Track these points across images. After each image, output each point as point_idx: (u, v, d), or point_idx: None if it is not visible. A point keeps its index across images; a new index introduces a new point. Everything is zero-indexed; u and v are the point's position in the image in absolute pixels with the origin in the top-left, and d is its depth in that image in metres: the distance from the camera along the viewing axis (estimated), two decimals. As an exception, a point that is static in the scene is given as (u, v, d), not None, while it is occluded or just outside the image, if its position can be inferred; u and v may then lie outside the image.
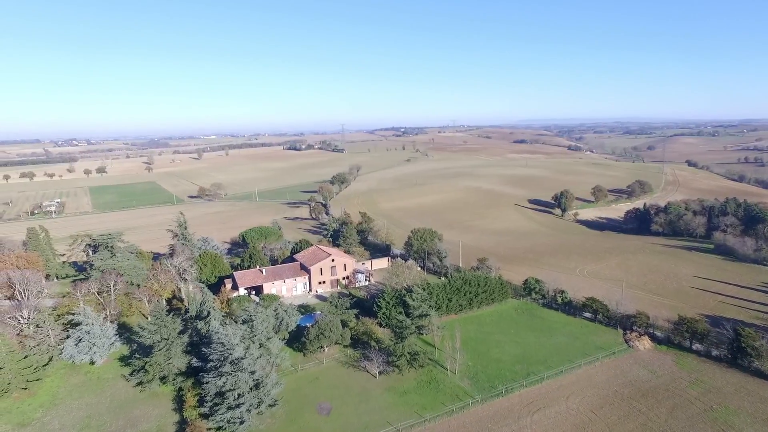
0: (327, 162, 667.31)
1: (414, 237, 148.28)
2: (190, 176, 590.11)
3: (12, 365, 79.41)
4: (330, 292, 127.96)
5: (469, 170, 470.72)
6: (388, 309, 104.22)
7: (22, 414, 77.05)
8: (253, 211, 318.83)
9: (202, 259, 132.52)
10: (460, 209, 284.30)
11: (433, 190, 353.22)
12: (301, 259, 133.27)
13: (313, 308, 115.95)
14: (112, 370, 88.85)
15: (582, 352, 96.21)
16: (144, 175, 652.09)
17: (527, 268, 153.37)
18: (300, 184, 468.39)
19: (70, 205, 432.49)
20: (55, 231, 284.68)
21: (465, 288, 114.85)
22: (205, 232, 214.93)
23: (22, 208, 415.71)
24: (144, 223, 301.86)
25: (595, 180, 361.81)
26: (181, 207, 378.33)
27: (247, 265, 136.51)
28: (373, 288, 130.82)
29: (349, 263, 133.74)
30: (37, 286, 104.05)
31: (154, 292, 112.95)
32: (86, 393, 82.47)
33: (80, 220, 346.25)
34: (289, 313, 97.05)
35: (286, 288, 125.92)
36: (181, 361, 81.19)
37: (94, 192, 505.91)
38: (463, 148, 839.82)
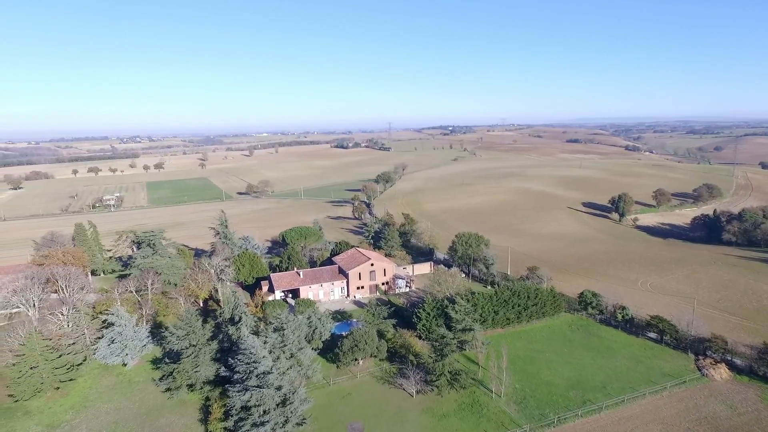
0: (373, 160, 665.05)
1: (459, 242, 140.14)
2: (240, 173, 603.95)
3: (46, 364, 78.82)
4: (368, 298, 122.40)
5: (518, 170, 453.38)
6: (428, 321, 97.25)
7: (53, 415, 76.24)
8: (298, 209, 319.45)
9: (240, 259, 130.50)
10: (508, 212, 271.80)
11: (480, 190, 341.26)
12: (340, 262, 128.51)
13: (350, 315, 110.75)
14: (144, 372, 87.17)
15: (646, 378, 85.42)
16: (197, 171, 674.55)
17: (582, 279, 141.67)
18: (345, 182, 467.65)
19: (128, 200, 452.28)
20: (112, 225, 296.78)
21: (513, 300, 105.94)
22: (249, 230, 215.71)
23: (86, 202, 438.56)
24: (193, 218, 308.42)
25: (656, 182, 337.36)
26: (229, 203, 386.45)
27: (286, 267, 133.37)
28: (414, 295, 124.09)
29: (389, 268, 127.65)
30: (78, 282, 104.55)
31: (190, 292, 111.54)
32: (116, 396, 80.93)
33: (135, 214, 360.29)
34: (323, 321, 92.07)
35: (324, 292, 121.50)
36: (208, 370, 77.95)
37: (151, 187, 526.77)
38: (512, 148, 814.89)
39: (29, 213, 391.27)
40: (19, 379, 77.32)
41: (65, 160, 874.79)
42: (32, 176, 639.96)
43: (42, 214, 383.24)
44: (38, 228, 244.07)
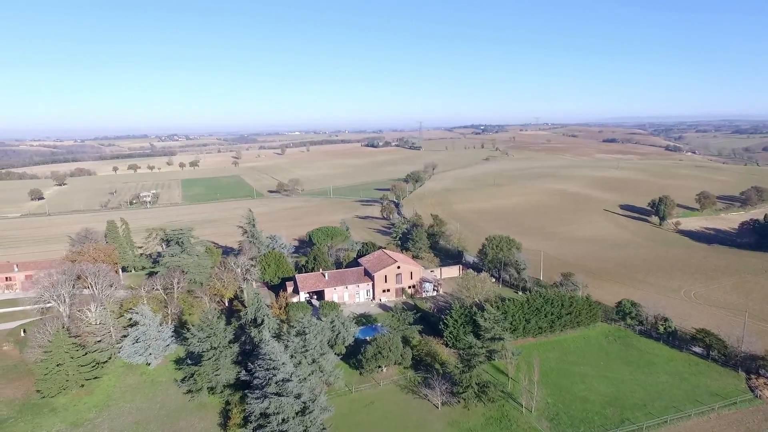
0: (403, 159, 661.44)
1: (489, 245, 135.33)
2: (272, 171, 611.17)
3: (72, 362, 79.26)
4: (394, 301, 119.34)
5: (552, 171, 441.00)
6: (455, 328, 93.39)
7: (77, 413, 76.54)
8: (326, 208, 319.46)
9: (266, 259, 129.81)
10: (541, 213, 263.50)
11: (512, 191, 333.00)
12: (366, 264, 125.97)
13: (375, 319, 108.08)
14: (166, 372, 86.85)
15: (691, 397, 79.22)
16: (230, 169, 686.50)
17: (619, 286, 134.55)
18: (375, 181, 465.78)
19: (163, 196, 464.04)
20: (146, 221, 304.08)
21: (546, 308, 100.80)
22: (277, 228, 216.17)
23: (124, 198, 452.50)
24: (224, 216, 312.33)
25: (699, 185, 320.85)
26: (260, 201, 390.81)
27: (311, 267, 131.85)
28: (441, 300, 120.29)
29: (416, 271, 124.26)
30: (107, 279, 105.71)
31: (216, 291, 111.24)
32: (138, 396, 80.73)
33: (169, 211, 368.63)
34: (347, 325, 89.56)
35: (349, 294, 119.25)
36: (229, 374, 76.63)
37: (185, 184, 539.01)
38: (546, 147, 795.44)
39: (71, 209, 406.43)
40: (45, 376, 78.07)
41: (107, 157, 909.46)
42: (76, 173, 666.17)
43: (83, 210, 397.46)
44: (78, 223, 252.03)
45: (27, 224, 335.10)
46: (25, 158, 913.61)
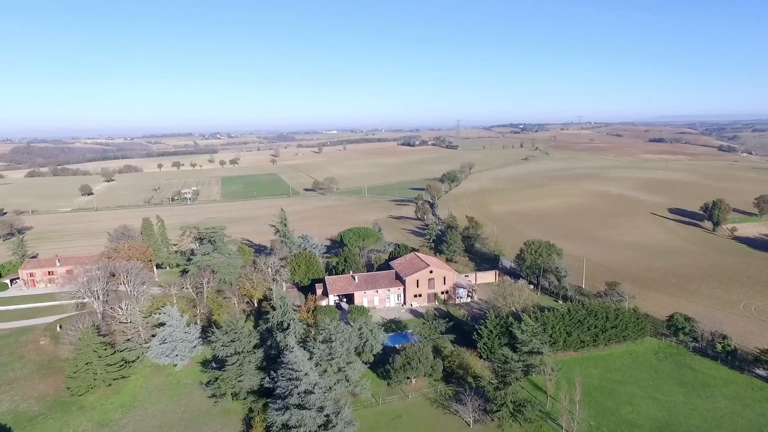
0: (439, 159, 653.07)
1: (528, 250, 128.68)
2: (308, 169, 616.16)
3: (99, 361, 79.21)
4: (426, 307, 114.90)
5: (595, 171, 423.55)
6: (490, 339, 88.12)
7: (103, 413, 76.34)
8: (360, 207, 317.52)
9: (296, 260, 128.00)
10: (583, 216, 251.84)
11: (552, 192, 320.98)
12: (397, 267, 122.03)
13: (405, 325, 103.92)
14: (192, 374, 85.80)
15: (755, 427, 71.22)
16: (268, 167, 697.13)
17: (669, 297, 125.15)
18: (410, 180, 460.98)
19: (203, 193, 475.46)
20: (186, 217, 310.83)
21: (589, 320, 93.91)
22: (310, 227, 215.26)
23: (166, 194, 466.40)
24: (260, 213, 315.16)
25: (758, 188, 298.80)
26: (295, 199, 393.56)
27: (342, 269, 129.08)
28: (476, 307, 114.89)
29: (449, 276, 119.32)
30: (140, 277, 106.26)
31: (245, 292, 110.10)
32: (164, 398, 79.90)
33: (208, 208, 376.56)
34: (375, 333, 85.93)
35: (379, 299, 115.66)
36: (252, 380, 74.46)
37: (225, 182, 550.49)
38: (588, 147, 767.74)
39: (118, 204, 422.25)
40: (75, 374, 78.31)
41: (154, 154, 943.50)
42: (125, 169, 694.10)
43: (128, 205, 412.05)
44: (123, 218, 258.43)
45: (76, 219, 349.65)
46: (79, 155, 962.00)
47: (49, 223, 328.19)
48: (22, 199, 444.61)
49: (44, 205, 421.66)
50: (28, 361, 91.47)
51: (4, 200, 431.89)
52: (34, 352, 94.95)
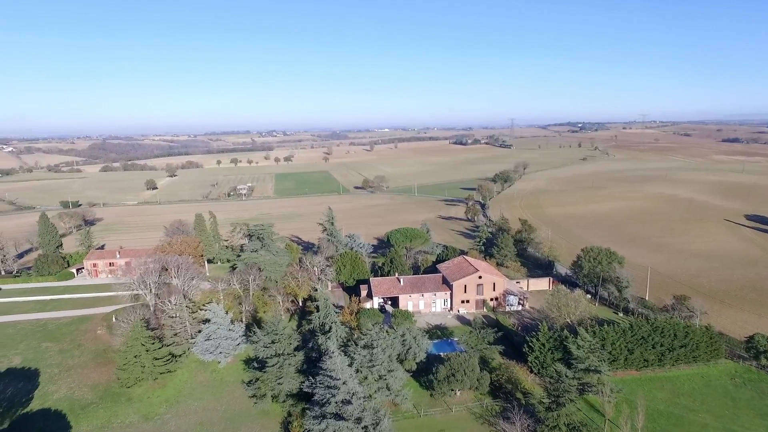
0: (492, 158, 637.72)
1: (585, 257, 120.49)
2: (359, 167, 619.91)
3: (147, 355, 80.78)
4: (473, 314, 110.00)
5: (660, 173, 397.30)
6: (542, 353, 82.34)
7: (149, 406, 77.74)
8: (409, 206, 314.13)
9: (342, 259, 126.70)
10: (647, 221, 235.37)
11: (613, 195, 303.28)
12: (445, 271, 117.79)
13: (451, 332, 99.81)
14: (235, 373, 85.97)
15: None
16: (321, 165, 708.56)
17: (748, 315, 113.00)
18: (461, 180, 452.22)
19: (258, 189, 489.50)
20: (240, 212, 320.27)
21: (654, 337, 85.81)
22: (358, 226, 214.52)
23: (223, 190, 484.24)
24: (310, 210, 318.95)
25: None
26: (345, 197, 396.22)
27: (387, 270, 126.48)
28: (527, 316, 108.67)
29: (499, 282, 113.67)
30: (190, 272, 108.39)
31: (290, 290, 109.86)
32: (206, 395, 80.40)
33: (262, 204, 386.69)
34: (419, 340, 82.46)
35: (424, 303, 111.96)
36: (292, 383, 73.13)
37: (278, 178, 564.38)
38: (653, 147, 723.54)
39: (179, 198, 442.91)
40: (124, 366, 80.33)
41: (214, 151, 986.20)
42: (187, 165, 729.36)
43: (188, 200, 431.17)
44: (183, 212, 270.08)
45: (141, 211, 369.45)
46: (147, 151, 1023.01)
47: (117, 215, 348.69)
48: (96, 192, 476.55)
49: (114, 198, 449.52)
50: (85, 350, 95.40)
51: (81, 193, 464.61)
52: (91, 341, 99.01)
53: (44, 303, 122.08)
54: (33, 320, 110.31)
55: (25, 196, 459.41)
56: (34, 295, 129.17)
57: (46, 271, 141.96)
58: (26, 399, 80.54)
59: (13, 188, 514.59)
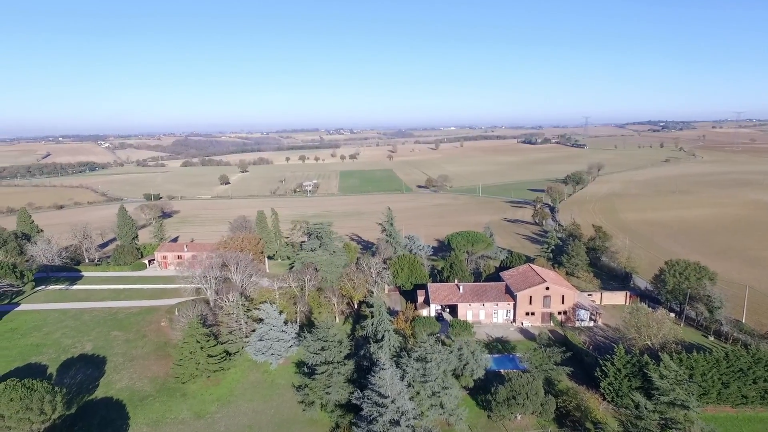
0: (563, 158, 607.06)
1: (670, 272, 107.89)
2: (423, 166, 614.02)
3: (202, 353, 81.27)
4: (539, 328, 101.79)
5: (757, 178, 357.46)
6: (617, 380, 73.50)
7: (202, 403, 78.08)
8: (473, 207, 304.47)
9: (400, 262, 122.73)
10: (742, 231, 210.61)
11: (700, 201, 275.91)
12: (508, 280, 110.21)
13: (513, 347, 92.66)
14: (286, 375, 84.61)
15: None
16: (385, 163, 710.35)
17: None
18: (529, 181, 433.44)
19: (323, 186, 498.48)
20: (305, 208, 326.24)
21: (756, 370, 73.88)
22: (419, 226, 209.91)
23: (289, 186, 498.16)
24: (372, 209, 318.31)
25: None
26: (407, 196, 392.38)
27: (447, 276, 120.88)
28: (600, 334, 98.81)
29: (568, 295, 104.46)
30: (248, 269, 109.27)
31: (345, 292, 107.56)
32: (257, 397, 79.56)
33: (325, 201, 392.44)
34: (477, 356, 76.62)
35: (485, 313, 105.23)
36: (340, 393, 70.13)
37: (343, 176, 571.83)
38: (749, 148, 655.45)
39: (248, 193, 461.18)
40: (180, 362, 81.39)
41: (284, 148, 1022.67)
42: (258, 162, 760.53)
43: (256, 195, 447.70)
44: (251, 207, 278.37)
45: (213, 205, 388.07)
46: (223, 148, 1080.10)
47: (192, 208, 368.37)
48: (175, 186, 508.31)
49: (191, 191, 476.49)
50: (148, 341, 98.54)
51: (162, 186, 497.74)
52: (154, 332, 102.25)
53: (118, 292, 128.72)
54: (106, 308, 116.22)
55: (115, 188, 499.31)
56: (110, 283, 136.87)
57: (122, 261, 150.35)
58: (93, 386, 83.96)
59: (106, 181, 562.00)
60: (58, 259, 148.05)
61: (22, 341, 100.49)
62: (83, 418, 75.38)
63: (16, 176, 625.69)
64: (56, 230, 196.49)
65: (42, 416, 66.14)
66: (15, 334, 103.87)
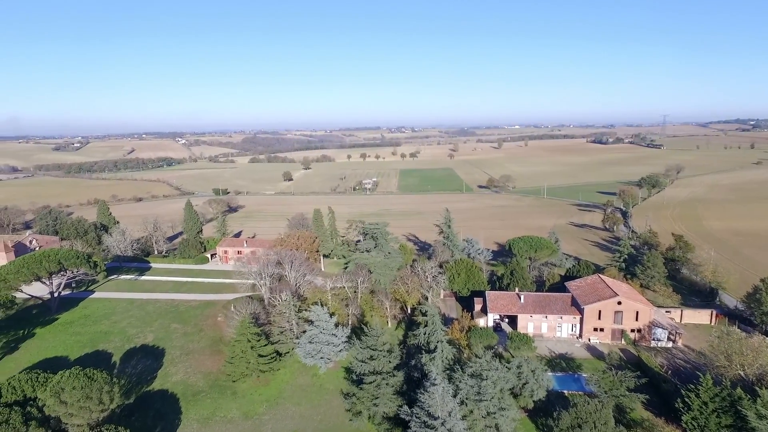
0: (637, 159, 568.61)
1: (767, 290, 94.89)
2: (485, 165, 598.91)
3: (252, 352, 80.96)
4: (608, 345, 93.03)
5: None
6: (703, 415, 64.42)
7: (251, 404, 77.69)
8: (536, 210, 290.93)
9: (457, 266, 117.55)
10: None
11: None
12: (575, 291, 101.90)
13: (579, 365, 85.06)
14: (335, 380, 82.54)
15: None
16: (445, 162, 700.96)
17: None
18: (598, 183, 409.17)
19: (382, 184, 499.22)
20: (364, 207, 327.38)
21: None
22: (478, 228, 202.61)
23: (349, 184, 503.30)
24: (431, 208, 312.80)
25: None
26: (468, 196, 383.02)
27: (507, 284, 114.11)
28: (679, 357, 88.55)
29: (643, 311, 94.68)
30: (302, 268, 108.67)
31: (399, 296, 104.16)
32: (304, 401, 78.06)
33: (384, 199, 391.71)
34: (538, 375, 70.39)
35: (547, 326, 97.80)
36: (389, 406, 66.74)
37: (403, 174, 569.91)
38: None
39: (310, 190, 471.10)
40: (231, 360, 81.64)
41: (346, 146, 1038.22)
42: (321, 159, 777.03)
43: (317, 192, 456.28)
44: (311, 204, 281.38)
45: (276, 201, 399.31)
46: (288, 145, 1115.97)
47: (256, 203, 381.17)
48: (242, 181, 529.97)
49: (256, 187, 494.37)
50: (204, 336, 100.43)
51: (231, 182, 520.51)
52: (211, 327, 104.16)
53: (180, 284, 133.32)
54: (168, 300, 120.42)
55: (188, 182, 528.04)
56: (174, 275, 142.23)
57: (187, 254, 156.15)
58: (151, 377, 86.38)
59: (181, 175, 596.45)
60: (130, 250, 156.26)
61: (94, 328, 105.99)
62: (140, 409, 77.35)
63: (104, 170, 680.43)
64: (132, 221, 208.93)
65: (100, 406, 68.12)
66: (88, 320, 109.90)
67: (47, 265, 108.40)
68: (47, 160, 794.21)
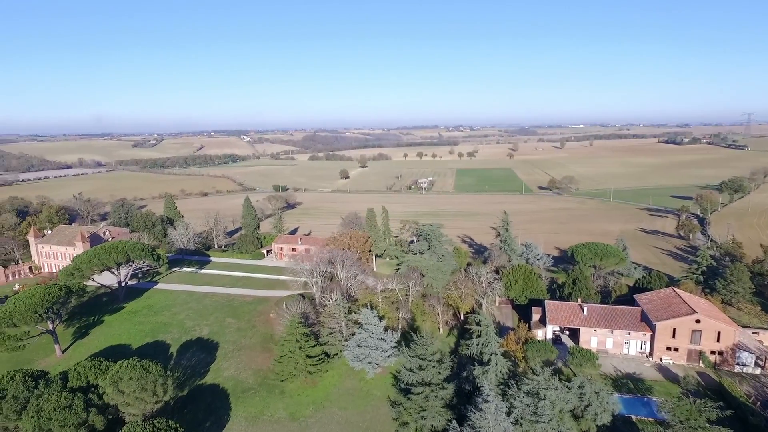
0: (716, 161, 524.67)
1: None
2: (546, 166, 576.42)
3: (301, 353, 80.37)
4: (683, 368, 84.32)
5: None
6: (800, 458, 56.18)
7: (297, 405, 77.11)
8: (601, 214, 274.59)
9: (514, 273, 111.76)
10: None
11: None
12: (645, 305, 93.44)
13: (649, 388, 77.52)
14: (383, 386, 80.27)
15: None
16: (504, 161, 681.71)
17: None
18: (671, 186, 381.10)
19: (438, 184, 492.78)
20: (418, 206, 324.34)
21: None
22: (537, 232, 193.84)
23: (405, 183, 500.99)
24: (488, 209, 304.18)
25: None
26: (527, 198, 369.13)
27: (568, 293, 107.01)
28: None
29: (726, 331, 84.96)
30: (353, 269, 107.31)
31: (452, 302, 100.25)
32: (351, 405, 76.37)
33: (440, 199, 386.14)
34: (602, 397, 64.34)
35: (613, 342, 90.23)
36: (437, 419, 63.49)
37: (459, 174, 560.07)
38: None
39: (366, 188, 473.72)
40: (280, 359, 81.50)
41: (403, 144, 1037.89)
42: (377, 157, 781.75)
43: (373, 190, 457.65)
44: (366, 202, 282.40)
45: (333, 198, 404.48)
46: (347, 143, 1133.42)
47: (313, 200, 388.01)
48: (301, 178, 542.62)
49: (314, 184, 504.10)
50: (256, 332, 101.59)
51: (290, 178, 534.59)
52: (263, 323, 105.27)
53: (236, 279, 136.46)
54: (225, 294, 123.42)
55: (250, 179, 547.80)
56: (231, 270, 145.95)
57: (244, 249, 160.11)
58: (204, 371, 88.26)
59: (244, 172, 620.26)
60: (192, 244, 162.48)
61: (155, 318, 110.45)
62: (193, 402, 78.96)
63: (176, 165, 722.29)
64: (196, 216, 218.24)
65: (154, 397, 69.94)
66: (150, 311, 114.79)
67: (115, 256, 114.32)
68: (127, 156, 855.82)
